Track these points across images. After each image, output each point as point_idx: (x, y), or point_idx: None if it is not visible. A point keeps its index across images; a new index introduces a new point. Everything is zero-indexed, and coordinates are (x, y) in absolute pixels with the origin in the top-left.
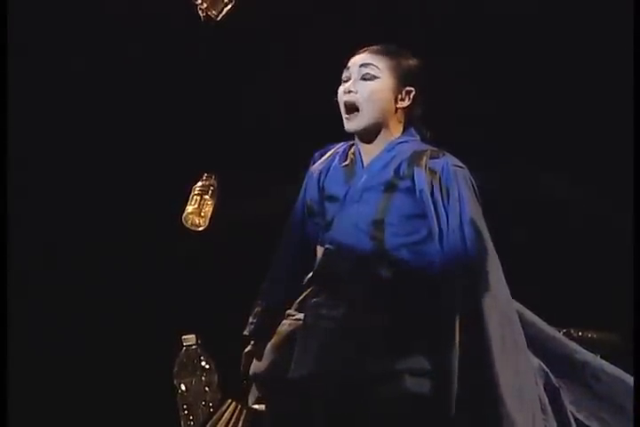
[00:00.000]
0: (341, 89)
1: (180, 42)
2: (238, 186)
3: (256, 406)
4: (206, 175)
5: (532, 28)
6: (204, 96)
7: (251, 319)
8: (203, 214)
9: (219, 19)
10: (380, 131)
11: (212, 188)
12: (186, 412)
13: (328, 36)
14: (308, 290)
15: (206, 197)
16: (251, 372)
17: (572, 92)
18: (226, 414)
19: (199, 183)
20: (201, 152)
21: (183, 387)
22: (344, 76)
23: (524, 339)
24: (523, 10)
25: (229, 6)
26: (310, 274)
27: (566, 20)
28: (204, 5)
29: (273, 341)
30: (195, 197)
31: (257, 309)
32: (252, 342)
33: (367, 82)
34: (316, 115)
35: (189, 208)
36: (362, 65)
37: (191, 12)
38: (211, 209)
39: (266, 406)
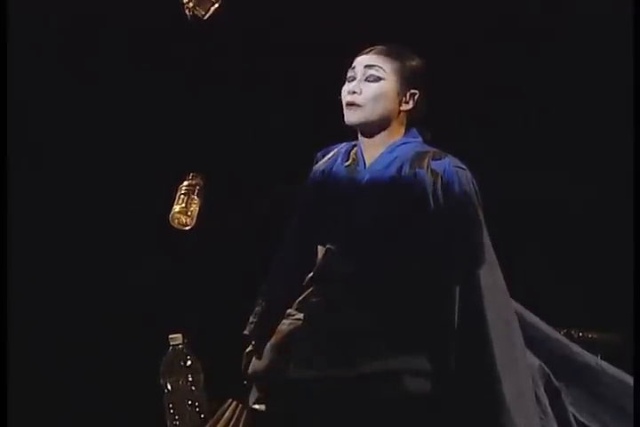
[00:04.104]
0: (345, 88)
1: (168, 41)
2: (237, 186)
3: (256, 406)
4: (192, 174)
5: (533, 28)
6: (194, 96)
7: (251, 319)
8: (189, 214)
9: (206, 18)
10: (381, 128)
11: (198, 187)
12: (172, 411)
13: (322, 34)
14: (309, 290)
15: (193, 196)
16: (250, 370)
17: (572, 92)
18: (226, 414)
19: (185, 182)
20: (199, 152)
21: (169, 386)
22: (348, 75)
23: (523, 340)
24: (523, 10)
25: (217, 5)
26: (311, 274)
27: (567, 20)
28: (191, 4)
29: (273, 340)
30: (181, 196)
31: (257, 308)
32: (252, 342)
33: (371, 83)
34: (315, 114)
35: (176, 207)
36: (367, 66)
37: (178, 11)
38: (197, 208)
39: (266, 406)
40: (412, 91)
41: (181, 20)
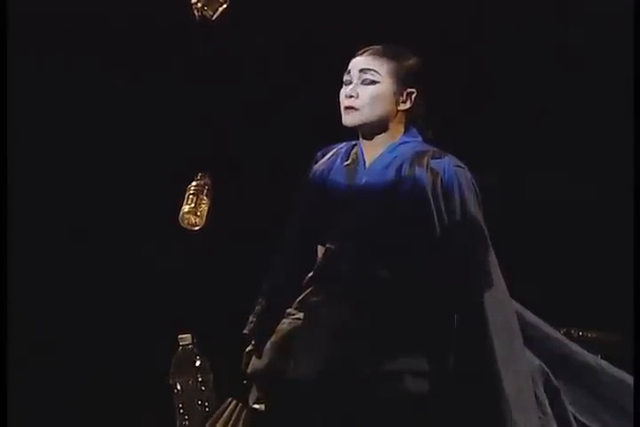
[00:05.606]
0: (342, 92)
1: (176, 41)
2: (238, 186)
3: (256, 406)
4: (201, 174)
5: (533, 27)
6: (200, 96)
7: (251, 318)
8: (199, 214)
9: (214, 18)
10: (380, 129)
11: (207, 187)
12: (181, 411)
13: (326, 35)
14: (309, 289)
15: (202, 196)
16: (249, 370)
17: (572, 91)
18: (226, 413)
19: (194, 182)
20: (199, 153)
21: (179, 386)
22: (345, 79)
23: (522, 340)
24: (522, 9)
25: (225, 6)
26: (311, 273)
27: (567, 19)
28: (200, 5)
29: (272, 339)
30: (190, 196)
31: (257, 307)
32: (252, 341)
33: (367, 86)
34: (316, 114)
35: (185, 208)
36: (362, 70)
37: (186, 11)
38: (207, 208)
39: (265, 406)
40: (410, 90)
41: (189, 21)
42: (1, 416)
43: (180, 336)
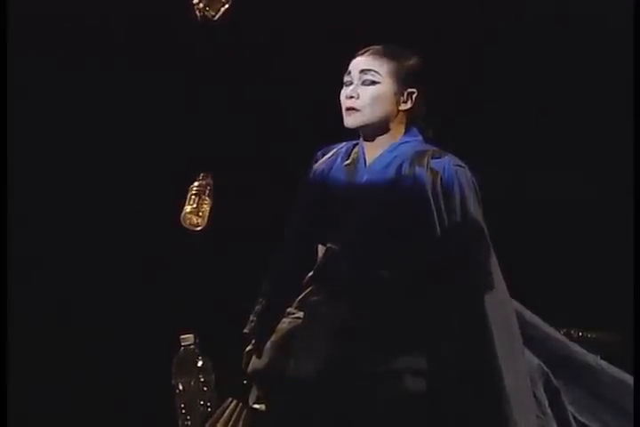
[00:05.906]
0: (343, 93)
1: (178, 41)
2: (238, 186)
3: (256, 406)
4: (203, 175)
5: (533, 27)
6: (202, 96)
7: (251, 317)
8: (201, 214)
9: (216, 18)
10: (381, 130)
11: (209, 187)
12: (183, 411)
13: (327, 35)
14: (309, 288)
15: (204, 196)
16: (250, 369)
17: (572, 91)
18: (226, 413)
19: (196, 183)
20: (200, 152)
21: (181, 387)
22: (345, 79)
23: (522, 340)
24: (522, 9)
25: (227, 6)
26: (311, 273)
27: (567, 19)
28: (201, 5)
29: (273, 338)
30: (192, 196)
31: (257, 307)
32: (252, 341)
33: (368, 87)
34: (317, 114)
35: (187, 208)
36: (362, 71)
37: (188, 11)
38: (208, 208)
39: (265, 405)
40: (410, 90)
41: (191, 21)
42: (1, 416)
43: (182, 337)
